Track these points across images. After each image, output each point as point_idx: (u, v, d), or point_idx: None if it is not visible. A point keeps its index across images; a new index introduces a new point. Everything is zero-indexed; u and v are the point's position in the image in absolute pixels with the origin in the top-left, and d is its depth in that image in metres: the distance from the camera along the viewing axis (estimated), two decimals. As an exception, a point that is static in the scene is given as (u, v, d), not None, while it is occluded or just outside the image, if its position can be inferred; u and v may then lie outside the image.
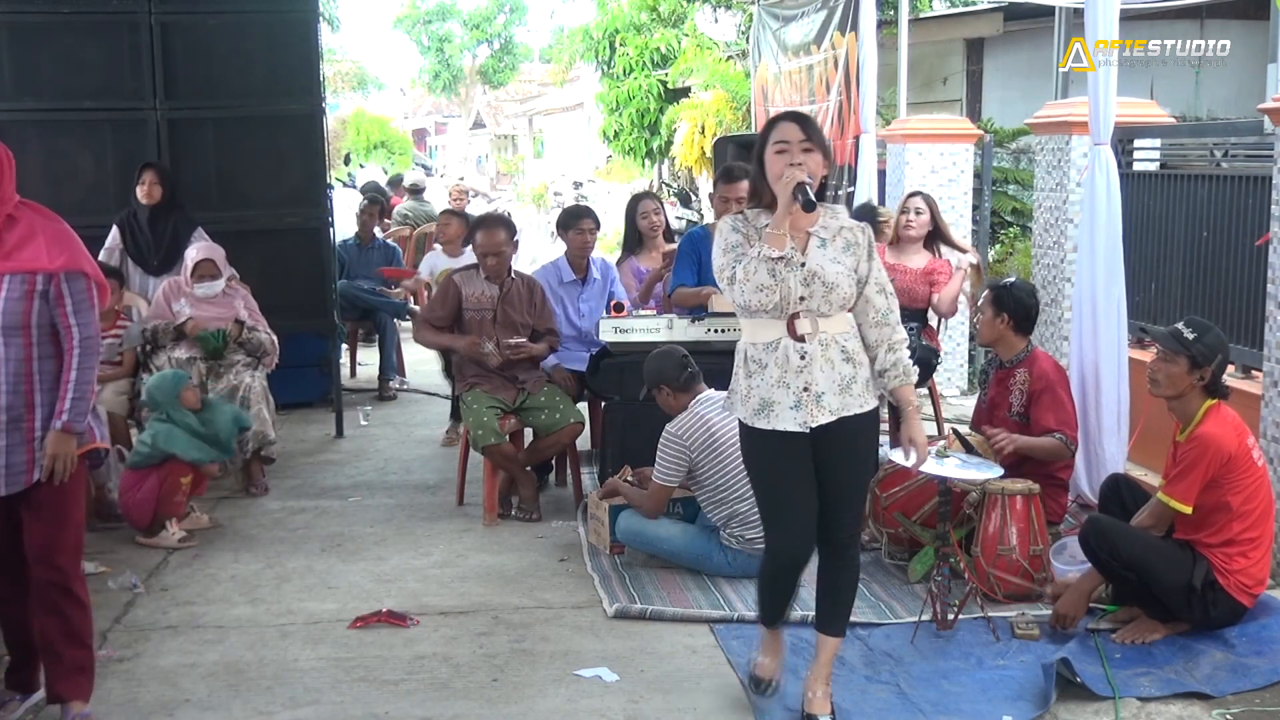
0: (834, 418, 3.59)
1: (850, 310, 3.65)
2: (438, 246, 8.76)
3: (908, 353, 3.68)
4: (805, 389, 3.57)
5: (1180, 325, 4.27)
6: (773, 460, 3.67)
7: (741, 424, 3.72)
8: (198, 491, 5.76)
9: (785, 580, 3.79)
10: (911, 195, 6.70)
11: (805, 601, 4.67)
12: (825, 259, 3.59)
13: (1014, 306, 5.23)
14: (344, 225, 8.98)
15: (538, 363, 6.07)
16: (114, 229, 6.75)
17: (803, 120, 3.65)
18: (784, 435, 3.60)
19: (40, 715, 3.86)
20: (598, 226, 6.69)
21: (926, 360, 6.23)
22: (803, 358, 3.57)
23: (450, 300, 6.01)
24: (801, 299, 3.56)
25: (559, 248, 7.03)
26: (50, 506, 3.62)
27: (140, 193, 6.70)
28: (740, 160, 7.27)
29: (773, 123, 3.69)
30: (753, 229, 3.66)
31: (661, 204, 6.99)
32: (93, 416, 3.72)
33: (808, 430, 3.59)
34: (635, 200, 7.13)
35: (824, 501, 3.68)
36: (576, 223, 6.54)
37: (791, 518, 3.67)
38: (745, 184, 6.01)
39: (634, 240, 6.97)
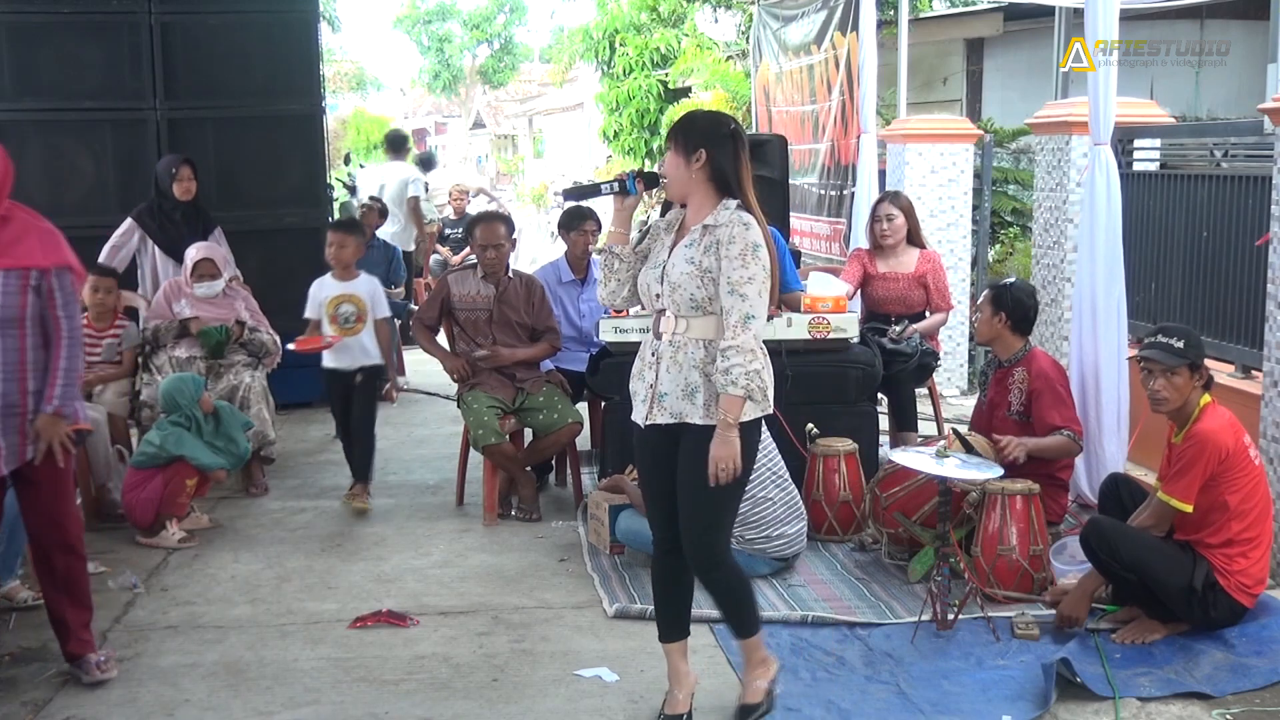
0: (673, 420, 3.54)
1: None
2: (441, 250, 8.65)
3: (743, 362, 3.40)
4: (650, 385, 3.61)
5: (1163, 339, 4.26)
6: (636, 449, 3.75)
7: None
8: (200, 493, 5.76)
9: (662, 568, 3.77)
10: (880, 201, 6.54)
11: (805, 601, 4.67)
12: (680, 258, 3.55)
13: (1012, 306, 5.23)
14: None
15: (537, 363, 6.07)
16: (128, 221, 6.70)
17: (673, 127, 3.65)
18: (637, 425, 3.67)
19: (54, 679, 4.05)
20: (599, 227, 6.69)
21: (926, 363, 6.23)
22: (654, 355, 3.62)
23: (439, 300, 6.04)
24: (658, 296, 3.59)
25: (559, 248, 7.03)
26: (48, 481, 3.95)
27: (178, 189, 6.63)
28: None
29: None
30: (664, 227, 3.70)
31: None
32: (77, 401, 3.99)
33: (642, 424, 3.63)
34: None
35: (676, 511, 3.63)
36: (579, 224, 6.54)
37: (651, 506, 3.76)
38: None
39: None
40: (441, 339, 6.25)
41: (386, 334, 6.09)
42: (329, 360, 5.96)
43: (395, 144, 11.26)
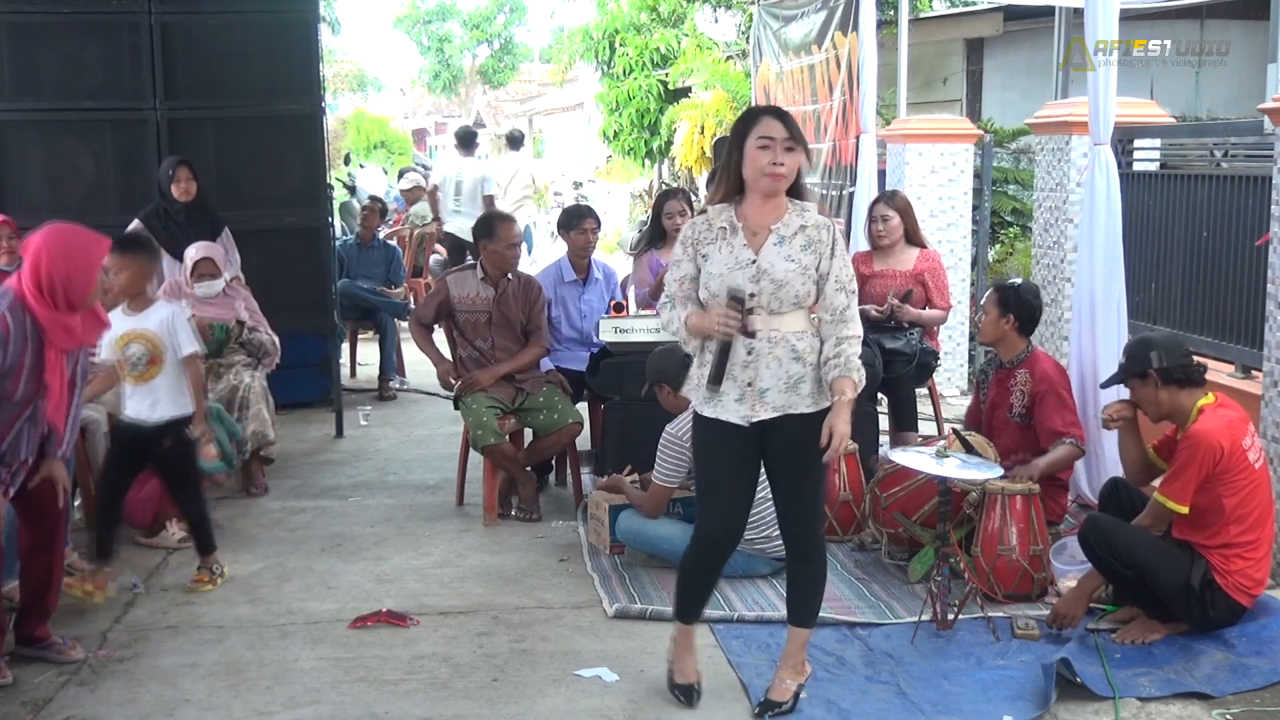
0: (777, 414, 3.65)
1: (811, 308, 3.71)
2: (441, 250, 8.67)
3: (857, 350, 3.65)
4: (749, 384, 3.65)
5: (1121, 360, 4.46)
6: (713, 446, 3.76)
7: (696, 413, 3.79)
8: (197, 491, 5.75)
9: (707, 564, 3.86)
10: (876, 201, 6.52)
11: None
12: (778, 256, 3.64)
13: (1019, 307, 5.22)
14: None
15: (535, 364, 6.08)
16: (135, 223, 6.69)
17: (785, 117, 3.65)
18: (727, 425, 3.68)
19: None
20: (599, 226, 6.70)
21: (926, 362, 6.22)
22: (749, 353, 3.64)
23: (437, 301, 6.03)
24: (751, 295, 3.61)
25: (559, 247, 7.03)
26: (49, 499, 4.15)
27: (176, 190, 6.63)
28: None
29: (753, 115, 3.68)
30: (713, 230, 3.70)
31: (690, 204, 6.94)
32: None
33: (746, 424, 3.66)
34: (663, 198, 7.06)
35: (779, 505, 3.80)
36: (579, 223, 6.54)
37: (720, 502, 3.77)
38: None
39: (657, 235, 6.88)
40: (441, 339, 6.24)
41: (197, 373, 5.01)
42: (127, 410, 4.89)
43: (466, 141, 11.92)
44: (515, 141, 14.07)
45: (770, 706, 3.81)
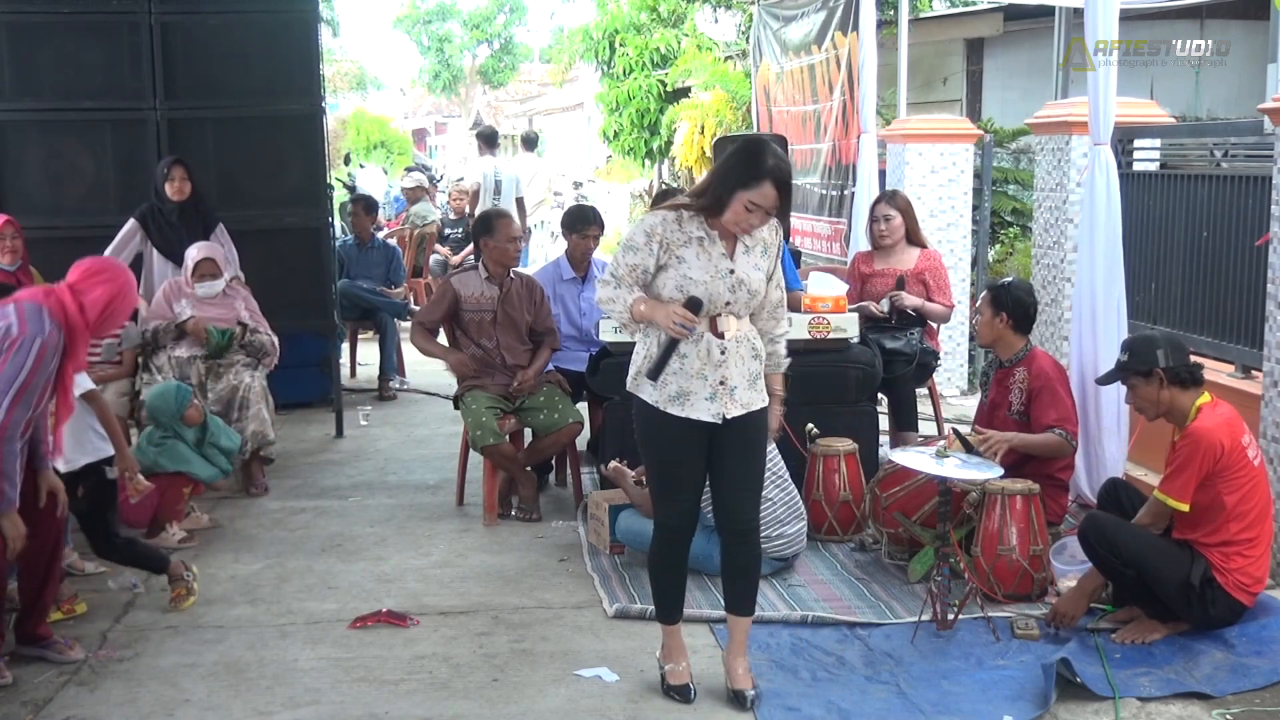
0: (744, 411, 3.82)
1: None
2: (440, 249, 8.70)
3: (785, 345, 4.02)
4: (721, 382, 3.78)
5: (1122, 357, 4.43)
6: (675, 444, 3.85)
7: (647, 405, 3.84)
8: (196, 492, 5.76)
9: (675, 555, 3.97)
10: (877, 201, 6.52)
11: (805, 601, 4.67)
12: (749, 266, 3.83)
13: (1012, 306, 5.22)
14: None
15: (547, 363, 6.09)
16: (130, 222, 6.70)
17: (785, 187, 3.72)
18: (693, 423, 3.77)
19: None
20: (602, 232, 6.72)
21: (926, 362, 6.22)
22: (723, 353, 3.79)
23: (446, 303, 6.01)
24: (727, 303, 3.77)
25: (558, 247, 7.04)
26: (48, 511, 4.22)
27: (170, 190, 6.64)
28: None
29: (759, 171, 3.67)
30: (684, 235, 3.78)
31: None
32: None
33: (720, 421, 3.78)
34: (660, 198, 7.06)
35: (725, 490, 3.92)
36: (583, 228, 6.56)
37: (683, 493, 3.90)
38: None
39: None
40: (441, 339, 6.25)
41: (103, 408, 4.64)
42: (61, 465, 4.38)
43: (491, 140, 12.37)
44: (530, 143, 14.34)
45: (744, 698, 3.87)
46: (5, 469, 3.85)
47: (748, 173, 3.68)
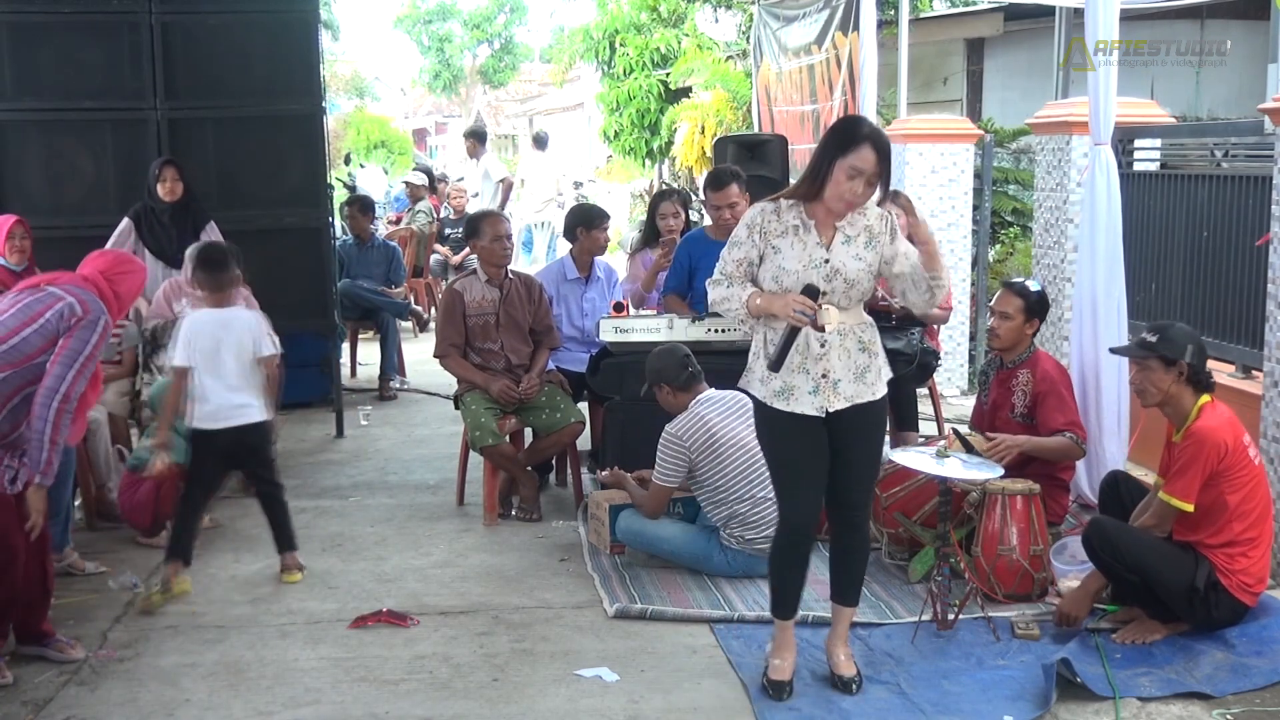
0: (849, 404, 3.80)
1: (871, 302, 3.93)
2: (440, 249, 8.72)
3: (942, 284, 3.86)
4: (824, 376, 3.77)
5: (1143, 334, 4.37)
6: (789, 439, 3.85)
7: (759, 402, 3.86)
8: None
9: (799, 552, 3.95)
10: (879, 202, 6.52)
11: (805, 601, 4.67)
12: (848, 256, 3.79)
13: (1044, 311, 5.29)
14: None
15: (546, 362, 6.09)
16: (125, 221, 6.70)
17: (881, 146, 3.71)
18: (802, 417, 3.77)
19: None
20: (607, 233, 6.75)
21: (927, 362, 6.22)
22: (822, 346, 3.76)
23: (459, 315, 5.96)
24: (824, 293, 3.72)
25: (558, 246, 7.04)
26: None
27: (162, 190, 6.64)
28: (739, 161, 7.27)
29: (855, 136, 3.71)
30: (783, 224, 3.79)
31: (685, 204, 6.95)
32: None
33: (824, 415, 3.76)
34: (658, 198, 7.09)
35: (838, 481, 3.90)
36: (601, 222, 6.61)
37: (801, 491, 3.89)
38: (734, 188, 6.04)
39: (652, 235, 6.88)
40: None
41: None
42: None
43: (542, 143, 13.56)
44: (541, 142, 14.55)
45: (850, 683, 3.94)
46: (58, 439, 3.96)
47: (846, 139, 3.71)
